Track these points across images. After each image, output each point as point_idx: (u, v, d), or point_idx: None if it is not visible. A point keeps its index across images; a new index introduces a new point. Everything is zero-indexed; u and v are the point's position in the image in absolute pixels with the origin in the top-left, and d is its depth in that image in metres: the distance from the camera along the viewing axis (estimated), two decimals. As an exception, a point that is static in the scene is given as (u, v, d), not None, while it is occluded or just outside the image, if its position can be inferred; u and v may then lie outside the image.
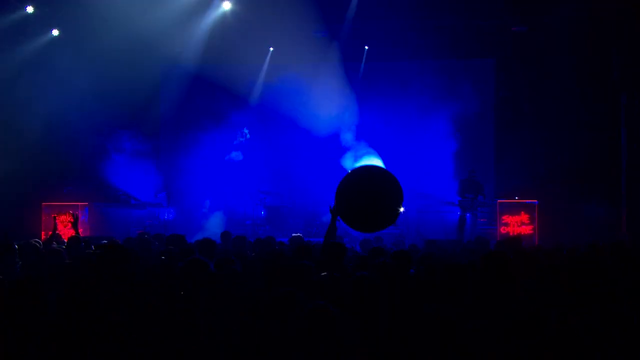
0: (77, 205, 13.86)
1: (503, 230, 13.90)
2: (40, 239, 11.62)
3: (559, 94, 14.89)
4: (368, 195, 6.81)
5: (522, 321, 3.80)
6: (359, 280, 4.39)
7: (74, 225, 9.02)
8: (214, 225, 14.31)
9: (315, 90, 15.14)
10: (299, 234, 10.07)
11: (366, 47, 16.29)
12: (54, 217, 10.24)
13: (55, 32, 14.93)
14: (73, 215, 9.76)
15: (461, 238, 12.70)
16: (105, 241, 8.55)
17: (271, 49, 16.41)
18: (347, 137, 15.78)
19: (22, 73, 14.00)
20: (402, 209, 6.88)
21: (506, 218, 14.01)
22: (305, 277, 4.93)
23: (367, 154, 15.26)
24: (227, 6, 15.01)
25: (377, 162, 14.66)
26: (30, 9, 14.07)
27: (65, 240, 9.15)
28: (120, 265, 5.15)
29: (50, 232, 9.43)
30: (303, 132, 15.81)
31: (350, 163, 15.21)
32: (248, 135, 16.24)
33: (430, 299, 4.62)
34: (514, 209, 14.02)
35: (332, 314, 3.61)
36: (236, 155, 16.16)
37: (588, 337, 3.78)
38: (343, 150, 15.80)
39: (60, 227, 11.51)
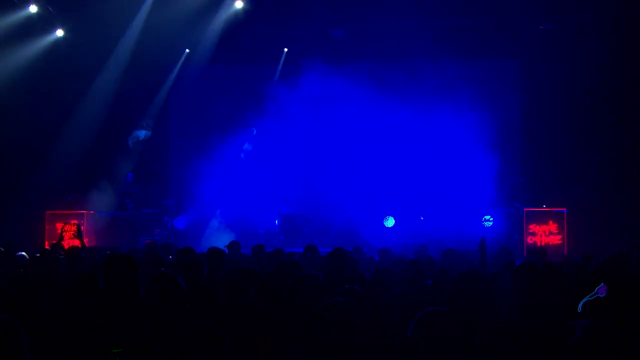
0: (82, 213, 13.52)
1: (530, 240, 13.20)
2: (44, 248, 11.27)
3: (588, 96, 14.35)
4: None
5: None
6: None
7: (78, 235, 8.93)
8: (226, 234, 13.69)
9: (330, 90, 14.60)
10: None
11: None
12: (62, 229, 10.06)
13: (59, 33, 14.42)
14: (77, 225, 9.57)
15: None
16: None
17: (286, 49, 15.99)
18: None
19: (24, 76, 13.53)
20: None
21: (533, 227, 13.34)
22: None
23: None
24: (239, 4, 14.65)
25: None
26: (33, 9, 13.55)
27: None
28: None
29: (54, 242, 9.34)
30: (320, 137, 15.28)
31: None
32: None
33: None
34: (541, 218, 13.35)
35: None
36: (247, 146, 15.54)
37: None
38: (360, 154, 15.19)
39: (66, 237, 11.17)
